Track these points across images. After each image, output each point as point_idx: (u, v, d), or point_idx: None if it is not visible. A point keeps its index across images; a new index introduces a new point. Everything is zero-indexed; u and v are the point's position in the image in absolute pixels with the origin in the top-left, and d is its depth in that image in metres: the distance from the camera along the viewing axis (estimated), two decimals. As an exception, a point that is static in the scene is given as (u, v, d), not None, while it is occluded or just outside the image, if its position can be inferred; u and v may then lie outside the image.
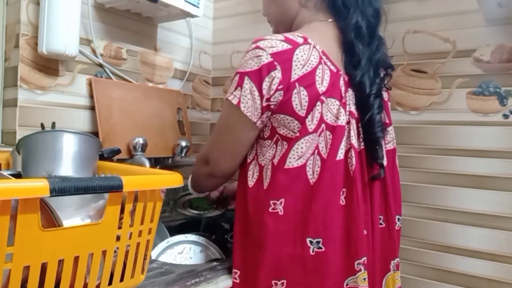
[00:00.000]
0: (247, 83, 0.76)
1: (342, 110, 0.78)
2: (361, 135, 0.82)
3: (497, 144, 1.05)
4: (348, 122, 0.80)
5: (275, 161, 0.79)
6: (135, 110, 1.24)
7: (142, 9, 1.24)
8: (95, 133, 1.14)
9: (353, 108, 0.81)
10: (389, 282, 0.87)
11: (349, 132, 0.79)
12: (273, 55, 0.75)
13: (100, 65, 1.20)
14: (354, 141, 0.79)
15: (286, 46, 0.76)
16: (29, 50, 1.03)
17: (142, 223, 0.68)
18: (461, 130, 1.10)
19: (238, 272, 0.83)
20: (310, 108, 0.76)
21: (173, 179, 0.70)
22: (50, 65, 1.08)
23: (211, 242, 1.01)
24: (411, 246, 1.16)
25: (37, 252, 0.54)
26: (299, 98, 0.76)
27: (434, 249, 1.14)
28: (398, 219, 0.91)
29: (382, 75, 0.87)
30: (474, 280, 1.08)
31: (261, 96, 0.76)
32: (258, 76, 0.75)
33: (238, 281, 0.83)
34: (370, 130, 0.81)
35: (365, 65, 0.81)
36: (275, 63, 0.75)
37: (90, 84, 1.15)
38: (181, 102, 1.42)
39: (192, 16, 1.26)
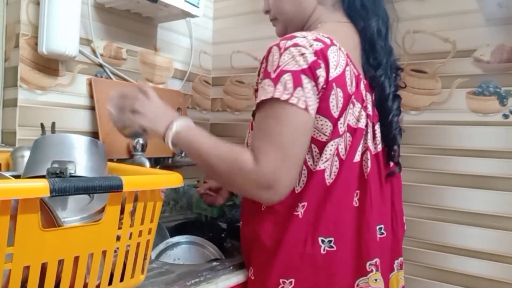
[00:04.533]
0: (307, 82, 0.70)
1: (363, 112, 0.78)
2: (377, 137, 0.82)
3: (497, 144, 1.05)
4: (366, 125, 0.79)
5: (312, 166, 0.76)
6: (135, 110, 1.24)
7: (142, 9, 1.24)
8: (95, 133, 1.14)
9: (370, 111, 0.81)
10: (393, 282, 0.86)
11: (366, 135, 0.79)
12: (315, 53, 0.71)
13: (100, 65, 1.20)
14: (370, 143, 0.79)
15: (320, 45, 0.72)
16: (29, 50, 1.03)
17: (142, 223, 0.68)
18: (461, 130, 1.10)
19: (253, 270, 0.83)
20: (343, 110, 0.75)
21: (173, 179, 0.70)
22: (50, 65, 1.08)
23: (210, 243, 1.01)
24: (410, 246, 1.16)
25: (37, 252, 0.54)
26: (336, 99, 0.74)
27: (433, 249, 1.14)
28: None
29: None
30: (473, 280, 1.08)
31: (318, 95, 0.73)
32: (312, 74, 0.70)
33: (253, 278, 0.83)
34: (389, 132, 0.82)
35: (385, 66, 0.81)
36: (319, 61, 0.71)
37: (90, 84, 1.15)
38: (181, 102, 1.42)
39: (192, 16, 1.26)
